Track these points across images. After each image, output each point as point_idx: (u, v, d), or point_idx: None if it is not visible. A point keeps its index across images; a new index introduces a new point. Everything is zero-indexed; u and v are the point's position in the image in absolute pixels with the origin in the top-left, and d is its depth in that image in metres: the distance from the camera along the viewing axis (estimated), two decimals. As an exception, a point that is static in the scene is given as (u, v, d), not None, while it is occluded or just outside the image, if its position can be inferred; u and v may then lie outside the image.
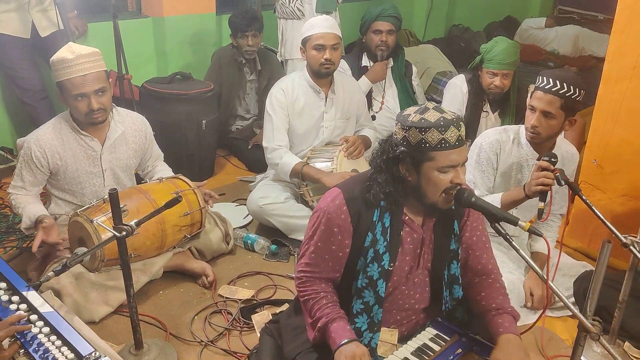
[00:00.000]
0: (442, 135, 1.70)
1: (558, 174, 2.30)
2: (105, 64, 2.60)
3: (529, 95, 2.53)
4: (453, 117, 1.73)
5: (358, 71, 3.98)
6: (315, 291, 1.89)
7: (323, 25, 3.11)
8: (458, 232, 1.93)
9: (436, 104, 1.79)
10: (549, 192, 2.31)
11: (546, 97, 2.40)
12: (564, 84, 2.37)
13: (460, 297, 1.98)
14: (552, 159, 2.33)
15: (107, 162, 2.74)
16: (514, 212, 2.62)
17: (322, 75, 3.17)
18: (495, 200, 2.48)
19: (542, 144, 2.57)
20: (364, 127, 3.50)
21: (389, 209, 1.85)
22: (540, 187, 2.30)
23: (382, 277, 1.87)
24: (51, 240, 2.52)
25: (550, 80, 2.39)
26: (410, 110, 1.77)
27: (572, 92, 2.38)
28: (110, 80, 2.66)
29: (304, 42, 3.15)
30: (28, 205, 2.63)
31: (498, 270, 1.99)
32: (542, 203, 2.30)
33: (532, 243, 2.82)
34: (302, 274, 1.93)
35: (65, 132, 2.65)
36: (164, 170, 3.02)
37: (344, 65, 3.92)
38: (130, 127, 2.81)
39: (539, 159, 2.59)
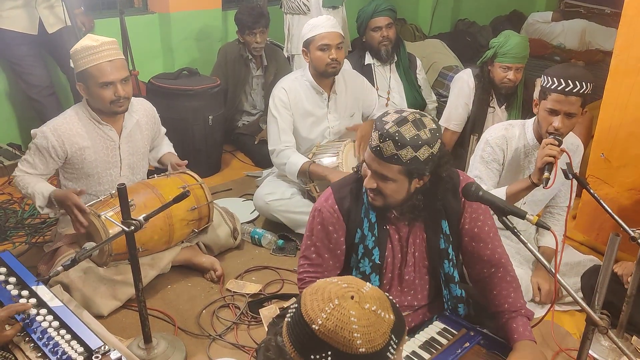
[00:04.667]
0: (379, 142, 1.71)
1: (565, 168, 2.30)
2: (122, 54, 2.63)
3: (536, 93, 2.50)
4: (396, 134, 1.68)
5: (361, 70, 3.97)
6: None
7: (326, 25, 3.07)
8: (448, 232, 1.94)
9: (416, 117, 1.74)
10: (555, 163, 2.29)
11: (568, 99, 2.36)
12: (583, 83, 2.33)
13: (459, 295, 1.98)
14: (557, 137, 2.35)
15: (125, 152, 2.75)
16: (521, 206, 2.62)
17: (328, 75, 3.15)
18: (500, 193, 2.48)
19: None
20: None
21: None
22: (546, 158, 2.28)
23: (374, 271, 1.91)
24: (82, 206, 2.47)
25: (569, 82, 2.34)
26: (389, 118, 1.74)
27: (589, 88, 2.36)
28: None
29: (307, 43, 3.10)
30: (37, 184, 2.59)
31: (507, 260, 1.99)
32: (547, 173, 2.29)
33: (539, 237, 2.81)
34: (304, 275, 1.97)
35: (84, 122, 2.65)
36: (165, 145, 3.07)
37: (346, 65, 3.91)
38: (143, 115, 2.83)
39: None
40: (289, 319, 1.06)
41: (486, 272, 1.96)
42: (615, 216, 2.17)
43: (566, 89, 2.35)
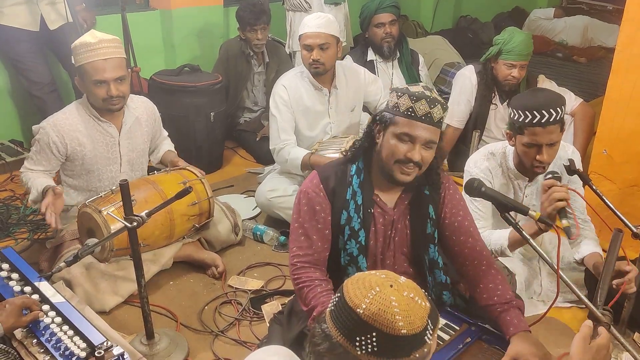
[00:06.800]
0: (412, 103, 1.77)
1: (569, 164, 2.28)
2: (124, 52, 2.63)
3: (510, 126, 2.33)
4: (431, 95, 1.79)
5: (364, 66, 3.96)
6: (309, 278, 1.92)
7: (312, 25, 3.06)
8: (435, 217, 1.95)
9: (427, 86, 1.85)
10: (568, 204, 2.08)
11: (547, 129, 2.21)
12: (557, 109, 2.20)
13: (444, 282, 1.99)
14: (555, 175, 2.18)
15: (125, 148, 2.76)
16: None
17: (315, 74, 3.16)
18: (503, 236, 2.32)
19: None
20: None
21: (360, 187, 1.93)
22: (557, 203, 2.05)
23: (361, 252, 1.94)
24: (56, 207, 2.45)
25: (544, 112, 2.18)
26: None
27: (563, 110, 2.24)
28: (129, 70, 2.67)
29: (300, 40, 3.14)
30: (38, 179, 2.60)
31: (489, 253, 2.00)
32: (565, 221, 2.02)
33: (576, 249, 2.56)
34: (295, 260, 1.97)
35: (83, 117, 2.66)
36: (166, 145, 3.07)
37: (348, 60, 3.90)
38: (142, 112, 2.83)
39: (531, 180, 2.47)
40: (332, 308, 1.13)
41: (469, 264, 1.97)
42: (618, 212, 2.16)
43: (542, 121, 2.19)
